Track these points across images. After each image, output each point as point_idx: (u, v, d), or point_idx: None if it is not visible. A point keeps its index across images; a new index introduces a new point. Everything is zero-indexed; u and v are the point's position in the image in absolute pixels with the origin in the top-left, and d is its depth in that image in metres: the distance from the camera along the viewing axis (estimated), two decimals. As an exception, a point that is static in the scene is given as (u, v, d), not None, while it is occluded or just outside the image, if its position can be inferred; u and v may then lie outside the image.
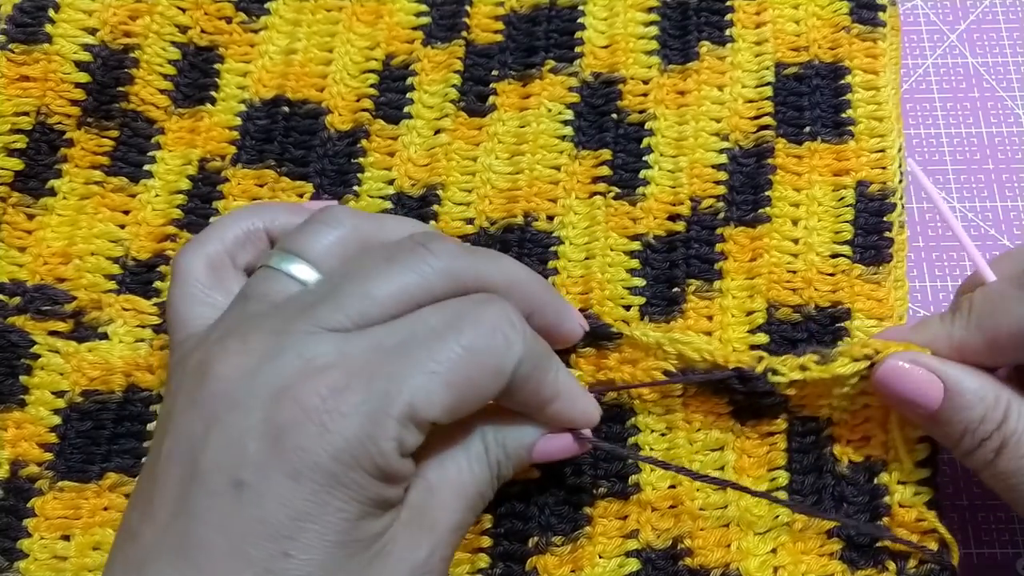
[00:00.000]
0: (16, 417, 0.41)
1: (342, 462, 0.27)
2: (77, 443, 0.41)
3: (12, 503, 0.40)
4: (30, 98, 0.46)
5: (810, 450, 0.38)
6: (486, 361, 0.30)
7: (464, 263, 0.32)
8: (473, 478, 0.32)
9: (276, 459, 0.27)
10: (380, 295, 0.30)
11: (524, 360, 0.30)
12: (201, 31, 0.49)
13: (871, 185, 0.45)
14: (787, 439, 0.38)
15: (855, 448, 0.38)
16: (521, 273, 0.35)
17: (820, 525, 0.37)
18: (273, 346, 0.29)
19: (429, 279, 0.31)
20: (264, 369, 0.29)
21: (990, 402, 0.33)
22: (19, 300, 0.43)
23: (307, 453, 0.27)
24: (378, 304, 0.30)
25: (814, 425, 0.38)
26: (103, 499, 0.40)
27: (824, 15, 0.48)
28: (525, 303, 0.34)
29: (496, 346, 0.30)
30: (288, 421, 0.27)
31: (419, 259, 0.31)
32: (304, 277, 0.32)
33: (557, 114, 0.47)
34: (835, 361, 0.36)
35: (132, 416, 0.41)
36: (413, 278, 0.31)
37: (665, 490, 0.38)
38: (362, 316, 0.30)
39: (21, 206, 0.45)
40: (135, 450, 0.41)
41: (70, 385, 0.42)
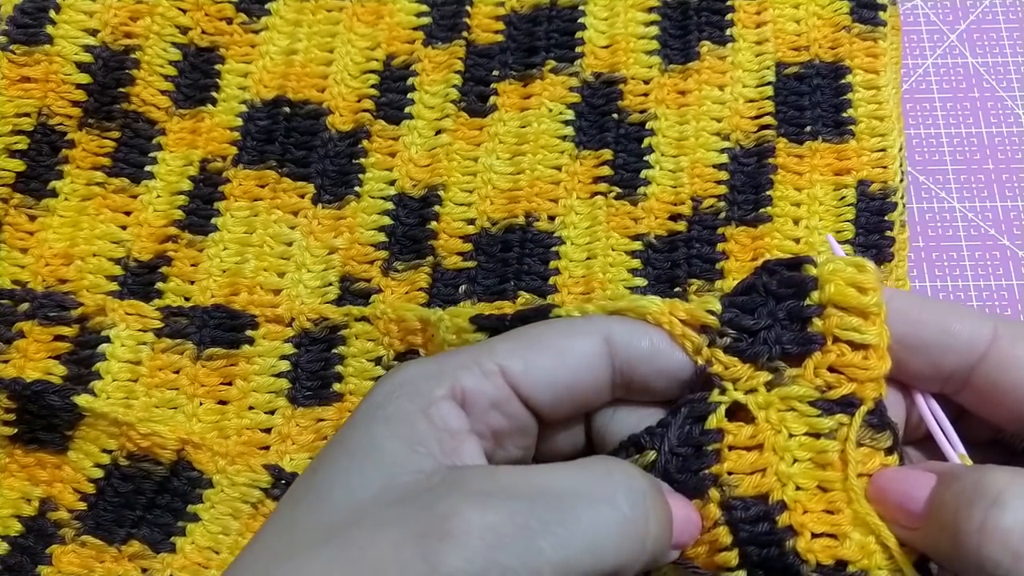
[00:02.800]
0: (55, 459, 0.40)
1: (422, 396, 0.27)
2: (114, 501, 0.40)
3: (31, 544, 0.39)
4: (31, 99, 0.46)
5: (765, 543, 0.27)
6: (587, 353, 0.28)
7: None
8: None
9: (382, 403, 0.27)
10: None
11: (615, 325, 0.28)
12: (202, 32, 0.49)
13: (872, 184, 0.45)
14: (731, 529, 0.27)
15: (824, 547, 0.27)
16: None
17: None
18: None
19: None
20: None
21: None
22: (27, 306, 0.43)
23: (403, 386, 0.27)
24: None
25: (762, 510, 0.27)
26: (120, 566, 0.39)
27: (824, 15, 0.48)
28: None
29: (590, 344, 0.28)
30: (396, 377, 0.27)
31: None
32: None
33: (558, 114, 0.47)
34: (788, 386, 0.28)
35: (174, 491, 0.40)
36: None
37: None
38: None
39: (23, 207, 0.45)
40: (167, 527, 0.40)
41: (118, 446, 0.40)
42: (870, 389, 0.28)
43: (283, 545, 0.25)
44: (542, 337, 0.28)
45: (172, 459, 0.40)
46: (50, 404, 0.40)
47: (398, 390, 0.27)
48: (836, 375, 0.28)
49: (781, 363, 0.28)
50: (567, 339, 0.28)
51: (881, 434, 0.28)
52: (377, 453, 0.26)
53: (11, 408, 0.40)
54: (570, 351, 0.28)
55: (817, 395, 0.28)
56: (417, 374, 0.27)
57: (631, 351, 0.28)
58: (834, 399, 0.28)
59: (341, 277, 0.45)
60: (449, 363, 0.27)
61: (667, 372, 0.28)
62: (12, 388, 0.40)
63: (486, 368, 0.27)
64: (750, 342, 0.28)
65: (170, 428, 0.40)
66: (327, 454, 0.27)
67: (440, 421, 0.26)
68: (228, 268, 0.45)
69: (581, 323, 0.28)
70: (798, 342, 0.28)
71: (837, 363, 0.28)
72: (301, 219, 0.46)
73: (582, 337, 0.28)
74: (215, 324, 0.43)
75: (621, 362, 0.28)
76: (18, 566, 0.39)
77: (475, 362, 0.27)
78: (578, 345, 0.28)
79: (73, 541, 0.39)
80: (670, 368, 0.28)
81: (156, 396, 0.42)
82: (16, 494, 0.40)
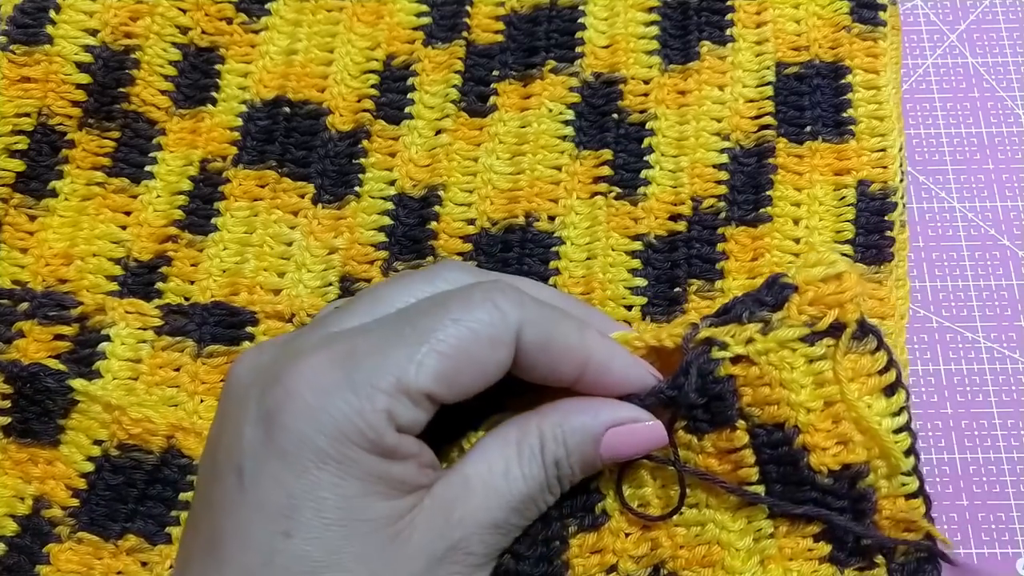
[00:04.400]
0: (47, 454, 0.40)
1: (330, 436, 0.27)
2: (105, 495, 0.40)
3: (28, 543, 0.39)
4: (31, 99, 0.46)
5: (783, 462, 0.33)
6: (478, 330, 0.29)
7: (477, 275, 0.32)
8: (520, 477, 0.30)
9: (268, 442, 0.28)
10: (388, 297, 0.31)
11: (527, 325, 0.30)
12: (202, 32, 0.49)
13: (872, 184, 0.45)
14: (755, 452, 0.33)
15: (833, 456, 0.33)
16: (545, 290, 0.34)
17: (805, 530, 0.34)
18: (278, 347, 0.30)
19: (439, 286, 0.31)
20: (263, 365, 0.30)
21: None
22: (27, 306, 0.43)
23: (292, 432, 0.28)
24: (385, 305, 0.31)
25: (781, 436, 0.33)
26: (119, 561, 0.39)
27: (825, 15, 0.49)
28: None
29: (488, 315, 0.29)
30: (276, 404, 0.28)
31: (433, 272, 0.32)
32: None
33: (558, 114, 0.47)
34: (777, 329, 0.32)
35: (165, 480, 0.40)
36: (423, 285, 0.31)
37: (639, 536, 0.34)
38: (368, 315, 0.30)
39: (23, 207, 0.45)
40: (160, 517, 0.40)
41: (108, 436, 0.41)
42: (850, 312, 0.32)
43: None
44: (462, 350, 0.29)
45: (163, 446, 0.40)
46: (46, 387, 0.40)
47: (335, 443, 0.28)
48: (818, 307, 0.32)
49: (766, 313, 0.32)
50: (490, 351, 0.29)
51: (865, 340, 0.33)
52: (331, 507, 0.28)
53: (7, 394, 0.41)
54: (490, 364, 0.29)
55: (807, 330, 0.32)
56: (346, 411, 0.28)
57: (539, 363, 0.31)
58: (822, 330, 0.32)
59: (341, 277, 0.45)
60: (376, 398, 0.28)
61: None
62: (9, 371, 0.41)
63: (415, 396, 0.28)
64: (729, 312, 0.33)
65: (160, 414, 0.41)
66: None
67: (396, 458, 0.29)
68: (228, 268, 0.45)
69: (500, 330, 0.29)
70: (774, 293, 0.32)
71: (815, 297, 0.32)
72: (301, 219, 0.46)
73: (502, 348, 0.29)
74: (215, 321, 0.43)
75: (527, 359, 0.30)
76: (16, 566, 0.39)
77: (403, 391, 0.28)
78: (496, 357, 0.29)
79: (69, 539, 0.39)
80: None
81: (157, 394, 0.42)
82: (10, 492, 0.40)
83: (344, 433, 0.27)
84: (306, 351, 0.29)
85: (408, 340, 0.28)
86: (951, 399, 0.43)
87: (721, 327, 0.32)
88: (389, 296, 0.31)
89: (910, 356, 0.43)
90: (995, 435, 0.42)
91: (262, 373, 0.29)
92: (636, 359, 0.33)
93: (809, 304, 0.32)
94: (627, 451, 0.32)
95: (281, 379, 0.28)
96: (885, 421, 0.33)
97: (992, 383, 0.43)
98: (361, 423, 0.28)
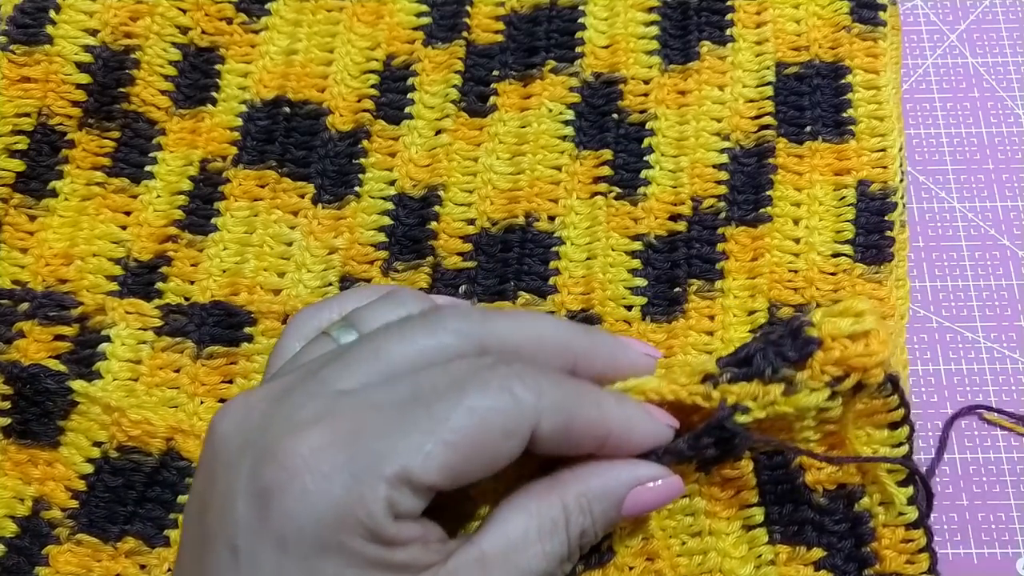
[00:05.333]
0: (46, 456, 0.40)
1: (328, 526, 0.26)
2: (104, 497, 0.40)
3: (27, 545, 0.39)
4: (31, 99, 0.46)
5: (781, 481, 0.34)
6: (493, 421, 0.27)
7: (480, 324, 0.30)
8: (542, 554, 0.29)
9: (263, 524, 0.26)
10: (389, 353, 0.29)
11: (546, 414, 0.28)
12: (202, 32, 0.49)
13: (872, 184, 0.45)
14: (755, 474, 0.34)
15: (828, 476, 0.34)
16: (548, 327, 0.32)
17: (807, 556, 0.34)
18: (270, 405, 0.28)
19: (441, 338, 0.30)
20: (255, 428, 0.28)
21: None
22: (27, 306, 0.43)
23: (291, 519, 0.26)
24: (386, 363, 0.29)
25: (781, 458, 0.34)
26: (118, 564, 0.39)
27: (824, 15, 0.48)
28: (559, 356, 0.31)
29: (504, 405, 0.28)
30: (272, 484, 0.26)
31: (432, 321, 0.30)
32: None
33: (558, 114, 0.47)
34: (800, 392, 0.31)
35: (164, 483, 0.40)
36: (425, 338, 0.30)
37: (638, 546, 0.34)
38: (368, 375, 0.29)
39: (23, 207, 0.45)
40: (159, 520, 0.39)
41: (108, 437, 0.40)
42: (874, 376, 0.31)
43: None
44: (474, 442, 0.27)
45: (162, 449, 0.40)
46: (46, 388, 0.40)
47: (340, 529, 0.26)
48: (843, 367, 0.30)
49: (788, 371, 0.31)
50: (502, 443, 0.28)
51: (882, 388, 0.32)
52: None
53: (7, 395, 0.41)
54: (501, 455, 0.28)
55: (828, 392, 0.31)
56: (346, 499, 0.26)
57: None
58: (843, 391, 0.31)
59: (341, 277, 0.44)
60: (377, 487, 0.26)
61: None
62: (9, 372, 0.41)
63: (417, 488, 0.27)
64: (749, 367, 0.31)
65: (160, 416, 0.41)
66: None
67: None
68: (228, 268, 0.45)
69: (516, 422, 0.28)
70: (797, 348, 0.31)
71: (841, 358, 0.30)
72: (301, 219, 0.46)
73: (515, 440, 0.28)
74: (214, 322, 0.43)
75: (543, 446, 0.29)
76: (15, 568, 0.39)
77: (405, 482, 0.27)
78: (508, 449, 0.28)
79: (68, 540, 0.39)
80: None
81: (157, 395, 0.42)
82: (9, 493, 0.40)
83: (343, 522, 0.26)
84: (305, 423, 0.27)
85: (419, 426, 0.27)
86: (951, 399, 0.43)
87: (742, 384, 0.31)
88: (392, 353, 0.29)
89: (910, 356, 0.43)
90: (995, 435, 0.42)
91: (253, 439, 0.27)
92: (652, 416, 0.31)
93: (834, 364, 0.31)
94: (648, 508, 0.31)
95: (277, 456, 0.26)
96: (881, 450, 0.33)
97: (992, 383, 0.43)
98: (360, 512, 0.26)
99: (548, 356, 0.31)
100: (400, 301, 0.32)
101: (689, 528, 0.34)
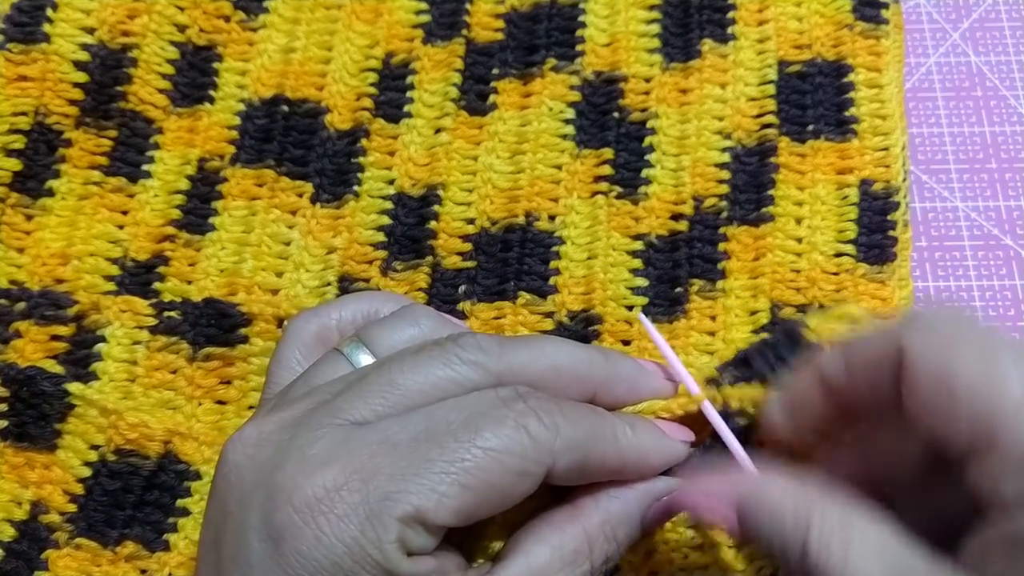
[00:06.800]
0: (44, 459, 0.40)
1: (343, 567, 0.26)
2: (103, 501, 0.39)
3: (26, 549, 0.39)
4: (28, 98, 0.46)
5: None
6: (508, 463, 0.27)
7: (498, 356, 0.30)
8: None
9: (277, 563, 0.26)
10: (404, 384, 0.29)
11: (561, 453, 0.28)
12: (200, 30, 0.49)
13: (874, 183, 0.44)
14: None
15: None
16: (564, 356, 0.31)
17: None
18: (282, 438, 0.28)
19: (457, 370, 0.29)
20: (267, 463, 0.28)
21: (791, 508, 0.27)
22: (24, 305, 0.43)
23: (305, 559, 0.26)
24: (401, 394, 0.29)
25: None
26: (117, 568, 0.38)
27: (827, 13, 0.48)
28: (577, 385, 0.31)
29: (520, 446, 0.27)
30: (285, 526, 0.27)
31: (448, 351, 0.30)
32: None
33: (558, 113, 0.47)
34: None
35: (162, 486, 0.40)
36: (441, 369, 0.29)
37: (641, 561, 0.35)
38: (383, 407, 0.29)
39: (20, 207, 0.45)
40: (158, 524, 0.39)
41: (105, 441, 0.40)
42: None
43: None
44: (488, 483, 0.27)
45: (160, 452, 0.40)
46: (42, 390, 0.40)
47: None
48: None
49: (787, 374, 0.31)
50: (516, 483, 0.28)
51: None
52: None
53: (4, 397, 0.40)
54: (514, 495, 0.28)
55: None
56: (361, 540, 0.26)
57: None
58: None
59: (340, 277, 0.44)
60: (391, 528, 0.26)
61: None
62: (6, 373, 0.40)
63: (431, 528, 0.27)
64: (749, 369, 0.32)
65: (157, 419, 0.40)
66: None
67: None
68: (226, 268, 0.44)
69: (531, 463, 0.28)
70: (793, 350, 0.31)
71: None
72: (299, 218, 0.45)
73: (529, 480, 0.28)
74: (207, 322, 0.43)
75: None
76: (14, 572, 0.38)
77: (419, 521, 0.27)
78: (522, 488, 0.28)
79: (67, 545, 0.39)
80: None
81: (154, 397, 0.42)
82: (7, 497, 0.39)
83: (357, 562, 0.26)
84: (319, 462, 0.27)
85: (433, 466, 0.27)
86: (954, 400, 0.43)
87: (743, 388, 0.31)
88: (406, 384, 0.29)
89: (913, 356, 0.43)
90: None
91: (266, 475, 0.27)
92: (666, 436, 0.31)
93: None
94: (666, 520, 0.31)
95: (292, 498, 0.27)
96: None
97: (995, 384, 0.43)
98: (375, 553, 0.26)
99: (566, 386, 0.30)
100: (414, 320, 0.32)
101: (691, 541, 0.34)
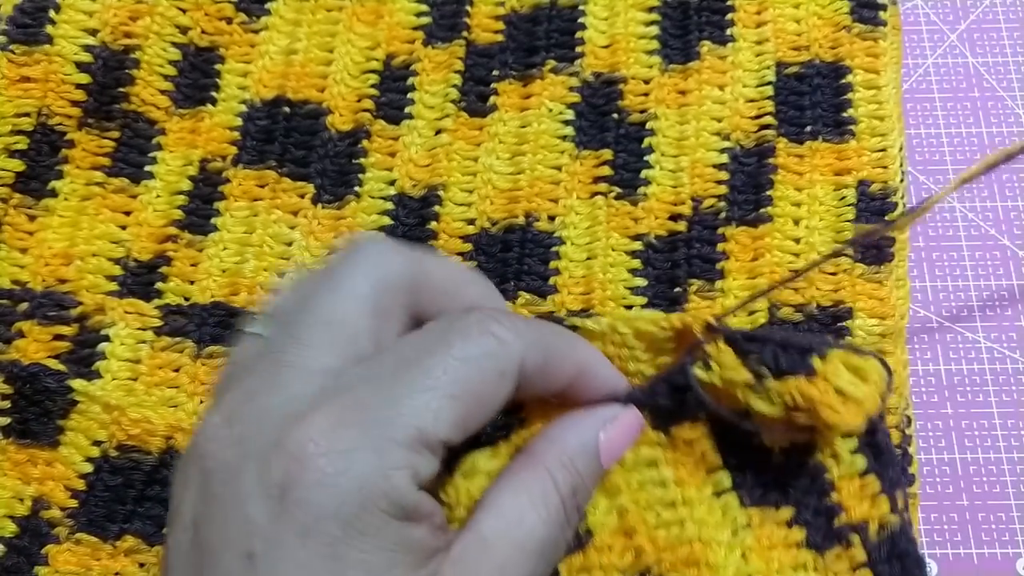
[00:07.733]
0: (46, 455, 0.40)
1: (353, 505, 0.25)
2: (104, 496, 0.40)
3: (27, 544, 0.39)
4: (31, 99, 0.46)
5: (739, 445, 0.34)
6: (486, 367, 0.28)
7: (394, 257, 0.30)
8: (541, 522, 0.29)
9: (281, 521, 0.25)
10: (336, 310, 0.28)
11: (527, 351, 0.29)
12: (202, 31, 0.49)
13: (872, 184, 0.45)
14: (712, 437, 0.34)
15: (781, 436, 0.34)
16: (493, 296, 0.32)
17: (778, 516, 0.34)
18: (255, 407, 0.27)
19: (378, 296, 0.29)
20: (248, 432, 0.26)
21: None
22: (26, 306, 0.43)
23: (312, 507, 0.25)
24: (340, 324, 0.28)
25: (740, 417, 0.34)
26: (117, 562, 0.39)
27: (825, 14, 0.48)
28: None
29: (491, 347, 0.28)
30: (286, 477, 0.25)
31: (339, 272, 0.30)
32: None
33: (558, 114, 0.47)
34: (759, 395, 0.32)
35: (163, 481, 0.40)
36: (364, 286, 0.29)
37: (615, 524, 0.34)
38: (331, 344, 0.28)
39: (22, 207, 0.45)
40: (159, 518, 0.39)
41: (107, 436, 0.40)
42: (832, 432, 0.32)
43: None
44: (474, 392, 0.28)
45: (161, 447, 0.40)
46: (45, 387, 0.40)
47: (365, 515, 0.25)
48: (809, 407, 0.31)
49: (766, 370, 0.31)
50: (498, 387, 0.28)
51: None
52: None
53: (7, 394, 0.41)
54: (497, 399, 0.28)
55: (776, 414, 0.31)
56: (368, 473, 0.25)
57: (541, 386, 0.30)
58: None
59: (341, 277, 0.44)
60: (398, 455, 0.26)
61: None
62: (9, 371, 0.41)
63: (435, 447, 0.27)
64: (750, 343, 0.31)
65: (159, 415, 0.41)
66: None
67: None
68: (228, 268, 0.45)
69: (504, 363, 0.28)
70: (791, 362, 0.31)
71: (814, 399, 0.31)
72: (301, 219, 0.46)
73: (508, 382, 0.28)
74: (214, 322, 0.43)
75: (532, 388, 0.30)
76: (15, 567, 0.39)
77: (424, 443, 0.26)
78: (503, 391, 0.28)
79: (68, 540, 0.39)
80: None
81: (156, 394, 0.42)
82: (9, 493, 0.40)
83: (369, 499, 0.25)
84: (304, 411, 0.26)
85: (419, 385, 0.27)
86: (951, 399, 0.43)
87: (726, 348, 0.32)
88: (339, 312, 0.28)
89: (910, 356, 0.43)
90: (995, 435, 0.42)
91: (250, 444, 0.26)
92: (612, 367, 0.33)
93: (804, 398, 0.31)
94: (621, 449, 0.32)
95: (286, 447, 0.25)
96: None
97: (992, 383, 0.43)
98: (386, 485, 0.25)
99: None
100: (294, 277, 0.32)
101: (661, 499, 0.34)
